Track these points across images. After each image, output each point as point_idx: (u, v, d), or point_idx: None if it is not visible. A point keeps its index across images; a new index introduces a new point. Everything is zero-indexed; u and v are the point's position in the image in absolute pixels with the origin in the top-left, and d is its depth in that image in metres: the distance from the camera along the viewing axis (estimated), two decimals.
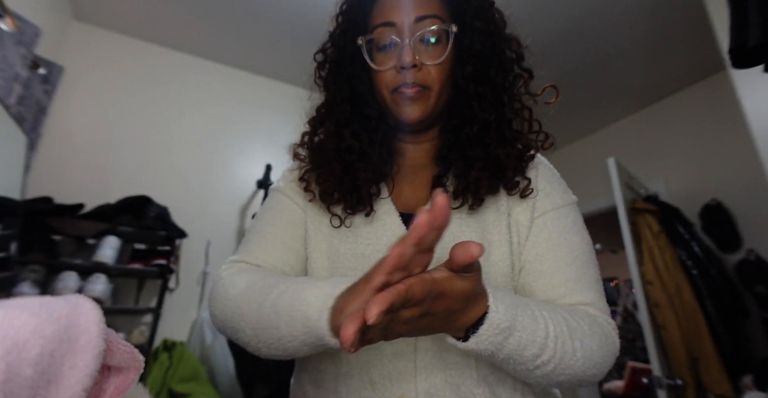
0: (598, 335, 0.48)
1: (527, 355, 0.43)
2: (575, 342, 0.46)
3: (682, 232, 1.93)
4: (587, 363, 0.47)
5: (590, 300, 0.53)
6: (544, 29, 2.11)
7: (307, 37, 2.45)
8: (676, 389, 1.65)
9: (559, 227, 0.56)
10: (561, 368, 0.45)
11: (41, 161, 1.82)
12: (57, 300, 0.24)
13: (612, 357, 0.50)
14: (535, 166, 0.60)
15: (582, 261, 0.55)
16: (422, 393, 0.48)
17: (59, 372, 0.21)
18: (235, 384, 1.68)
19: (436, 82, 0.55)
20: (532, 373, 0.45)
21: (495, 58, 0.57)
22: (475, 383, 0.49)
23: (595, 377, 0.49)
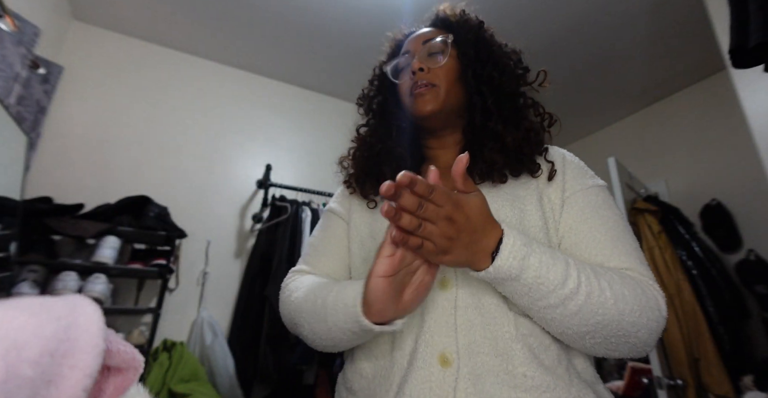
0: (631, 284, 0.51)
1: (552, 279, 0.47)
2: (602, 280, 0.49)
3: (683, 232, 1.93)
4: (621, 306, 0.48)
5: (629, 265, 0.55)
6: (544, 29, 2.11)
7: (308, 38, 2.49)
8: (676, 389, 1.64)
9: (591, 203, 0.60)
10: (591, 304, 0.47)
11: (41, 160, 1.82)
12: (57, 300, 0.24)
13: (654, 315, 0.50)
14: (562, 155, 0.68)
15: (617, 231, 0.57)
16: (462, 348, 0.51)
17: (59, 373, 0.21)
18: (235, 384, 1.68)
19: (442, 81, 0.66)
20: (563, 309, 0.47)
21: (489, 61, 0.68)
22: (513, 338, 0.51)
23: (635, 329, 0.49)
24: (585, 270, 0.49)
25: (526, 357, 0.50)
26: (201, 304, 1.94)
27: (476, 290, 0.54)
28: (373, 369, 0.57)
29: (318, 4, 1.97)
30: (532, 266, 0.46)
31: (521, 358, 0.50)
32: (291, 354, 1.72)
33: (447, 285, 0.56)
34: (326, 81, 2.58)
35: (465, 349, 0.51)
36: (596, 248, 0.56)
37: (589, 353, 0.54)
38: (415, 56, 0.69)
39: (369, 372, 0.58)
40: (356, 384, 0.59)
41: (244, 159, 2.33)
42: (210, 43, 2.28)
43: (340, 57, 2.35)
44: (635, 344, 0.50)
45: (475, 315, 0.53)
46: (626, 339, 0.49)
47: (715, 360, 1.66)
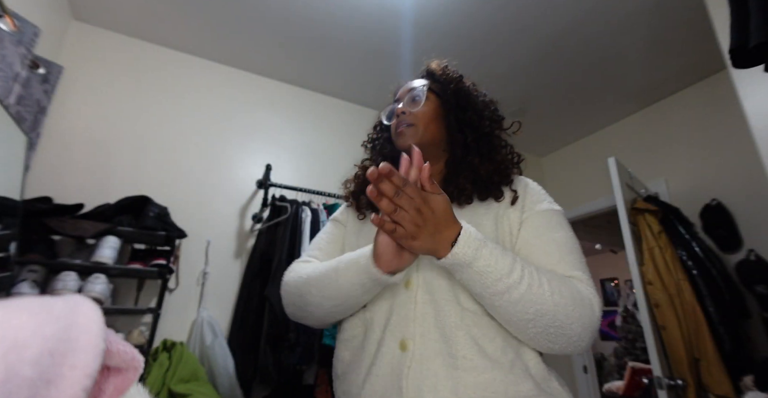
0: (568, 284, 0.61)
1: (499, 268, 0.57)
2: (542, 276, 0.59)
3: (683, 232, 1.93)
4: (557, 299, 0.58)
5: (573, 274, 0.65)
6: (545, 30, 2.11)
7: (308, 38, 2.49)
8: (676, 389, 1.64)
9: (544, 223, 0.72)
10: (532, 294, 0.57)
11: (41, 160, 1.82)
12: (56, 300, 0.24)
13: (587, 312, 0.60)
14: (525, 184, 0.79)
15: (566, 248, 0.69)
16: (418, 335, 0.63)
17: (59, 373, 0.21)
18: (235, 384, 1.68)
19: (420, 121, 0.80)
20: (507, 295, 0.57)
21: (469, 107, 0.82)
22: (457, 327, 0.63)
23: (569, 321, 0.58)
24: (529, 267, 0.60)
25: (467, 343, 0.61)
26: (201, 304, 1.94)
27: (433, 290, 0.66)
28: (350, 356, 0.70)
29: (318, 4, 1.97)
30: (484, 256, 0.57)
31: (463, 343, 0.61)
32: (291, 354, 1.72)
33: (410, 286, 0.68)
34: (326, 81, 2.58)
35: (419, 336, 0.63)
36: (546, 259, 0.67)
37: (535, 345, 0.62)
38: (401, 101, 0.85)
39: (347, 358, 0.71)
40: (339, 370, 0.72)
41: (244, 159, 2.33)
42: (210, 44, 2.28)
43: (340, 57, 2.35)
44: (571, 336, 0.59)
45: (430, 309, 0.65)
46: (563, 330, 0.58)
47: (715, 360, 1.66)
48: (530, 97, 2.67)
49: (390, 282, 0.62)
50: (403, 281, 0.68)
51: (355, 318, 0.73)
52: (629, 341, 4.70)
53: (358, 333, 0.71)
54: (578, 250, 0.70)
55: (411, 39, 2.19)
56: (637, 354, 4.48)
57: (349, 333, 0.73)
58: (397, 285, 0.68)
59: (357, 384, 0.65)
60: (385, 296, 0.69)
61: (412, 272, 0.69)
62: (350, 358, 0.70)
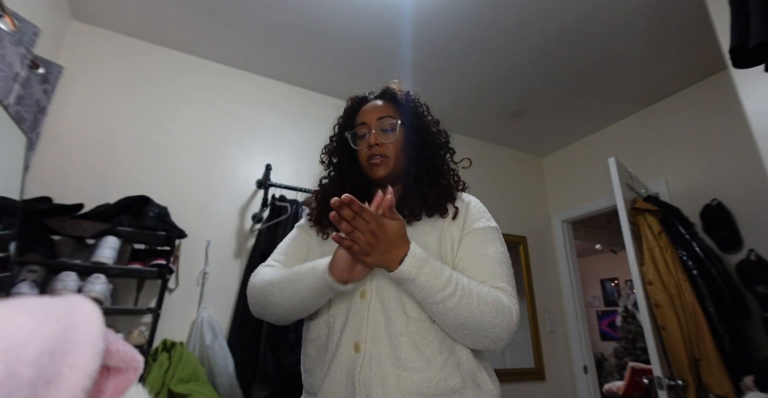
0: (493, 298, 0.73)
1: (437, 284, 0.70)
2: (472, 290, 0.72)
3: (683, 232, 1.93)
4: (483, 308, 0.71)
5: (499, 285, 0.78)
6: (545, 29, 2.11)
7: (308, 38, 2.48)
8: (676, 389, 1.64)
9: (480, 240, 0.83)
10: (463, 304, 0.70)
11: (40, 160, 1.82)
12: (56, 300, 0.24)
13: (506, 318, 0.73)
14: (466, 202, 0.91)
15: (495, 262, 0.81)
16: (369, 339, 0.74)
17: (58, 373, 0.21)
18: (235, 384, 1.68)
19: (392, 153, 0.89)
20: (442, 305, 0.70)
21: (427, 141, 0.92)
22: (402, 333, 0.74)
23: (491, 326, 0.71)
24: (462, 281, 0.72)
25: (409, 347, 0.73)
26: (201, 304, 1.94)
27: (384, 299, 0.77)
28: (316, 353, 0.81)
29: (318, 4, 1.97)
30: (425, 273, 0.70)
31: (406, 347, 0.72)
32: (291, 354, 1.72)
33: (365, 296, 0.78)
34: (326, 81, 2.58)
35: (370, 340, 0.74)
36: (479, 271, 0.79)
37: (465, 343, 0.75)
38: (371, 129, 0.91)
39: (313, 355, 0.81)
40: (306, 365, 0.83)
41: (244, 159, 2.33)
42: (210, 43, 2.28)
43: (340, 57, 2.35)
44: (493, 338, 0.72)
45: (381, 316, 0.76)
46: (486, 333, 0.71)
47: (715, 360, 1.66)
48: (530, 98, 2.66)
49: (341, 290, 0.73)
50: (358, 291, 0.79)
51: (320, 320, 0.82)
52: (629, 341, 4.71)
53: (322, 334, 0.81)
54: (507, 263, 0.82)
55: (411, 39, 2.19)
56: (638, 354, 4.49)
57: (314, 333, 0.83)
58: (354, 294, 0.79)
59: (320, 377, 0.76)
60: (345, 304, 0.80)
61: (367, 282, 0.79)
62: (315, 355, 0.81)
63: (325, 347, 0.79)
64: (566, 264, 3.05)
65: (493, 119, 2.94)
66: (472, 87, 2.59)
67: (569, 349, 2.89)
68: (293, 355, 1.71)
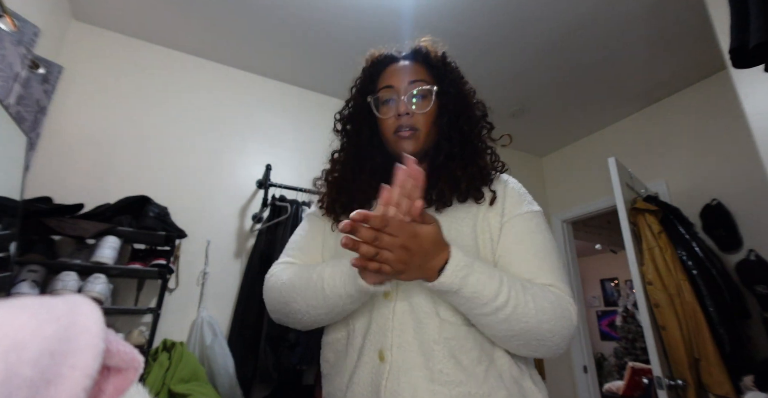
0: (551, 298, 0.62)
1: (486, 294, 0.57)
2: (527, 295, 0.60)
3: (683, 232, 1.93)
4: (541, 316, 0.59)
5: (551, 281, 0.66)
6: (544, 29, 2.11)
7: (308, 38, 2.48)
8: (676, 389, 1.64)
9: (524, 227, 0.71)
10: (517, 314, 0.58)
11: (41, 160, 1.82)
12: (56, 300, 0.24)
13: (567, 323, 0.62)
14: (504, 183, 0.78)
15: (545, 253, 0.69)
16: (395, 346, 0.63)
17: (59, 373, 0.21)
18: (235, 384, 1.68)
19: (423, 126, 0.76)
20: (494, 317, 0.58)
21: (463, 114, 0.79)
22: (435, 340, 0.63)
23: (551, 334, 0.60)
24: (515, 287, 0.60)
25: (444, 356, 0.61)
26: (201, 304, 1.94)
27: (412, 300, 0.66)
28: (335, 358, 0.72)
29: (318, 3, 1.97)
30: (470, 284, 0.57)
31: (440, 357, 0.61)
32: (291, 354, 1.72)
33: (388, 295, 0.68)
34: (326, 81, 2.58)
35: (397, 347, 0.63)
36: (526, 266, 0.67)
37: (516, 353, 0.65)
38: (400, 95, 0.77)
39: (332, 359, 0.72)
40: (325, 370, 0.74)
41: (244, 159, 2.33)
42: (210, 44, 2.28)
43: (340, 57, 2.35)
44: (551, 346, 0.61)
45: (409, 320, 0.64)
46: (544, 342, 0.60)
47: (715, 360, 1.66)
48: (530, 98, 2.66)
49: (379, 292, 0.62)
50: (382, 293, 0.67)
51: (338, 322, 0.72)
52: (629, 341, 4.70)
53: (341, 337, 0.72)
54: (556, 253, 0.70)
55: (411, 39, 2.19)
56: (637, 354, 4.48)
57: (332, 336, 0.74)
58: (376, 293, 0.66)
59: (341, 388, 0.67)
60: (366, 305, 0.68)
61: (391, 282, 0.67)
62: (334, 360, 0.72)
63: (345, 352, 0.69)
64: (566, 264, 3.05)
65: (493, 119, 2.92)
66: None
67: (569, 349, 2.89)
68: (293, 355, 1.71)
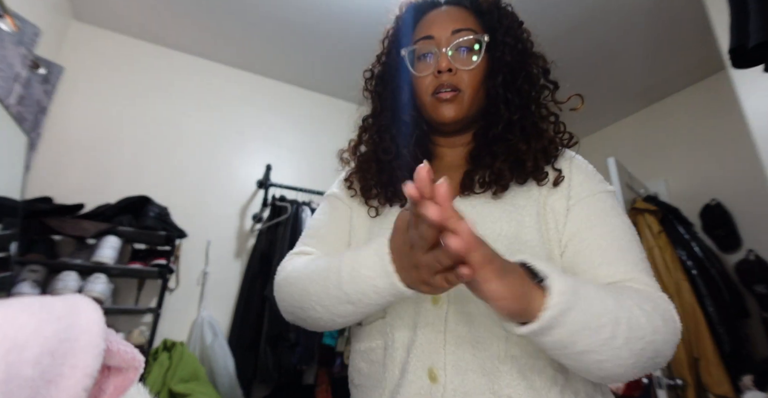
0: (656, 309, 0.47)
1: (598, 322, 0.41)
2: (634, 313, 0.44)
3: (682, 232, 1.93)
4: (656, 338, 0.44)
5: (634, 275, 0.52)
6: (544, 29, 2.09)
7: (308, 38, 2.48)
8: (676, 389, 1.65)
9: (596, 210, 0.57)
10: (632, 335, 0.43)
11: (41, 160, 1.82)
12: (57, 300, 0.24)
13: (674, 331, 0.47)
14: (569, 160, 0.63)
15: (624, 240, 0.55)
16: (450, 365, 0.50)
17: (59, 372, 0.21)
18: (235, 384, 1.68)
19: (468, 86, 0.61)
20: (607, 346, 0.41)
21: (522, 70, 0.64)
22: (501, 359, 0.50)
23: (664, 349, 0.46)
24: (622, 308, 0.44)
25: (513, 379, 0.49)
26: (201, 304, 1.94)
27: (468, 306, 0.53)
28: (368, 368, 0.59)
29: (318, 4, 1.97)
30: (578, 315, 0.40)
31: (508, 379, 0.49)
32: (291, 354, 1.72)
33: (438, 301, 0.54)
34: (326, 81, 2.58)
35: (452, 366, 0.50)
36: (600, 256, 0.53)
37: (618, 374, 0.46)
38: (441, 47, 0.61)
39: (365, 370, 0.60)
40: (356, 380, 0.61)
41: (244, 159, 2.33)
42: (210, 43, 2.28)
43: (340, 57, 2.35)
44: (660, 361, 0.47)
45: (465, 332, 0.52)
46: (656, 360, 0.46)
47: (714, 359, 1.66)
48: None
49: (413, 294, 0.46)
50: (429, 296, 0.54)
51: (372, 327, 0.60)
52: None
53: (376, 346, 0.59)
54: (637, 242, 0.56)
55: None
56: None
57: (365, 345, 0.60)
58: (422, 298, 0.55)
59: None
60: (408, 310, 0.56)
61: None
62: (368, 371, 0.59)
63: (383, 365, 0.56)
64: None
65: None
66: None
67: None
68: (293, 355, 1.71)
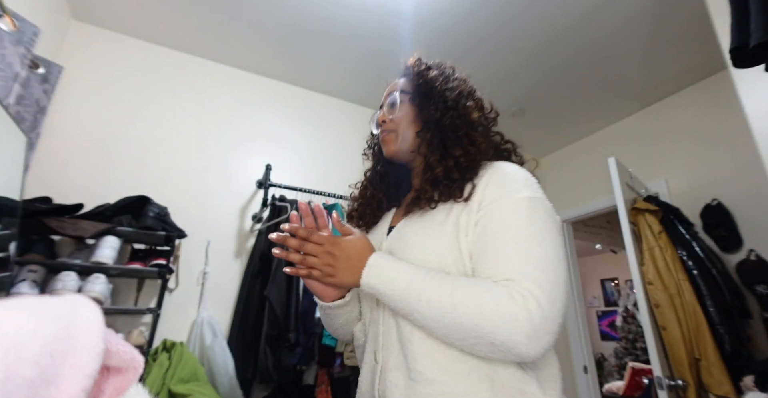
0: (483, 296, 0.57)
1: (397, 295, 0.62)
2: (444, 290, 0.59)
3: (683, 232, 1.93)
4: (461, 311, 0.57)
5: (509, 275, 0.59)
6: (545, 29, 2.11)
7: (308, 38, 2.48)
8: (677, 389, 1.64)
9: (497, 216, 0.64)
10: (432, 312, 0.59)
11: (40, 160, 1.82)
12: (56, 300, 0.24)
13: (509, 319, 0.55)
14: (491, 170, 0.71)
15: (509, 245, 0.61)
16: (383, 349, 0.69)
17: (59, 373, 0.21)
18: (235, 384, 1.68)
19: (398, 127, 0.82)
20: (416, 315, 0.61)
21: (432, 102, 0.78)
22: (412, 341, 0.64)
23: (487, 329, 0.55)
24: (432, 287, 0.60)
25: (420, 355, 0.62)
26: (201, 304, 1.94)
27: None
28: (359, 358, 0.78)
29: (318, 4, 1.97)
30: (379, 287, 0.63)
31: (416, 356, 0.63)
32: (291, 354, 1.72)
33: (379, 302, 0.73)
34: (326, 80, 2.58)
35: (384, 350, 0.68)
36: (487, 264, 0.62)
37: (466, 350, 0.60)
38: (380, 108, 0.87)
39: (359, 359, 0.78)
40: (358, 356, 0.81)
41: (244, 159, 2.33)
42: (210, 44, 2.28)
43: (340, 57, 2.35)
44: (497, 345, 0.55)
45: (392, 325, 0.68)
46: (482, 339, 0.56)
47: (715, 360, 1.66)
48: (530, 98, 2.66)
49: (334, 306, 0.74)
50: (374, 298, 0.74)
51: (357, 328, 0.81)
52: (629, 341, 4.70)
53: (361, 342, 0.79)
54: (535, 242, 0.61)
55: (411, 38, 2.19)
56: (638, 354, 4.48)
57: (358, 340, 0.81)
58: (372, 301, 0.75)
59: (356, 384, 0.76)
60: (366, 312, 0.78)
61: None
62: (359, 359, 0.79)
63: (362, 353, 0.76)
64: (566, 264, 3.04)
65: None
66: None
67: (569, 349, 2.89)
68: (293, 355, 1.71)
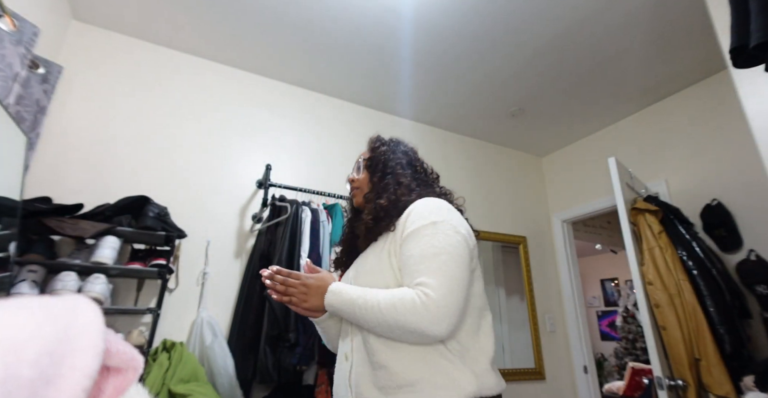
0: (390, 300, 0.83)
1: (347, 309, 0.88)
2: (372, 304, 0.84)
3: (683, 232, 1.93)
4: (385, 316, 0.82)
5: (420, 281, 0.83)
6: (545, 29, 2.11)
7: (308, 38, 2.47)
8: (677, 389, 1.64)
9: (408, 245, 0.89)
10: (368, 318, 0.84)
11: (40, 160, 1.82)
12: (56, 300, 0.24)
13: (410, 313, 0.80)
14: (412, 207, 0.96)
15: (417, 261, 0.86)
16: (352, 350, 0.93)
17: (58, 373, 0.21)
18: (235, 384, 1.68)
19: (362, 184, 1.13)
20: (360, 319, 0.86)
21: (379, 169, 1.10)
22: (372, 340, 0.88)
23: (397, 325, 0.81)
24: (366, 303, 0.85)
25: (378, 351, 0.86)
26: (201, 304, 1.94)
27: None
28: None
29: (318, 4, 1.97)
30: (336, 305, 0.90)
31: (375, 352, 0.86)
32: (291, 354, 1.72)
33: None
34: (326, 81, 2.58)
35: (353, 351, 0.92)
36: (405, 280, 0.87)
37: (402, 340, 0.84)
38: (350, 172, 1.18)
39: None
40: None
41: (244, 159, 2.33)
42: (210, 43, 2.28)
43: (340, 57, 2.35)
44: (413, 332, 0.80)
45: (357, 332, 0.92)
46: (403, 329, 0.80)
47: (715, 360, 1.66)
48: (530, 98, 2.66)
49: (320, 321, 0.99)
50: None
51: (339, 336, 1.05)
52: (629, 341, 4.70)
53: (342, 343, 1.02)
54: (432, 255, 0.85)
55: (411, 39, 2.19)
56: (638, 354, 4.48)
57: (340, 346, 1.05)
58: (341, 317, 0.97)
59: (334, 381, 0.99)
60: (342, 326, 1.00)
61: None
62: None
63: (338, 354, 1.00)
64: (566, 264, 3.05)
65: (492, 119, 2.94)
66: (472, 87, 2.59)
67: (569, 349, 2.89)
68: (293, 355, 1.71)
